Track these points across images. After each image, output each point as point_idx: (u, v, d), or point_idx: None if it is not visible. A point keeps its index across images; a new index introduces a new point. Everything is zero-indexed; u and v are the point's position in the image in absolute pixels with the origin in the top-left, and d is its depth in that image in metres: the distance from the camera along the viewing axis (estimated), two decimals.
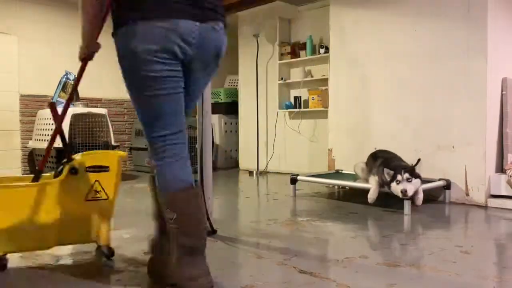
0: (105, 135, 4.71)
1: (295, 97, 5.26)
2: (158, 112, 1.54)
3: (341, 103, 4.18)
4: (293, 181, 3.74)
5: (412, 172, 2.93)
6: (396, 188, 2.92)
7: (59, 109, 1.79)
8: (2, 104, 4.88)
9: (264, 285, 1.63)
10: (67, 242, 2.00)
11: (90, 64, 1.73)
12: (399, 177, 2.90)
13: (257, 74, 5.53)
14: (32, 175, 1.89)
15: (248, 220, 2.87)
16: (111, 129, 4.72)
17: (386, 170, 3.01)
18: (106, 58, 5.04)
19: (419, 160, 2.94)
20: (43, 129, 4.61)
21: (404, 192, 2.86)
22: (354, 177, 3.65)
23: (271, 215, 2.97)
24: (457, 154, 3.37)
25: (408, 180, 2.89)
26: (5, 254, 1.83)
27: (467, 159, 3.32)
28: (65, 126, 4.30)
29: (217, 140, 6.10)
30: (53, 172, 1.98)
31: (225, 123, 6.17)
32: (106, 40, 1.72)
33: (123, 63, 1.54)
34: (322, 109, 4.90)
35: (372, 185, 3.15)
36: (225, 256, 2.02)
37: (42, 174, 1.92)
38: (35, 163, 4.93)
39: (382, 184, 3.07)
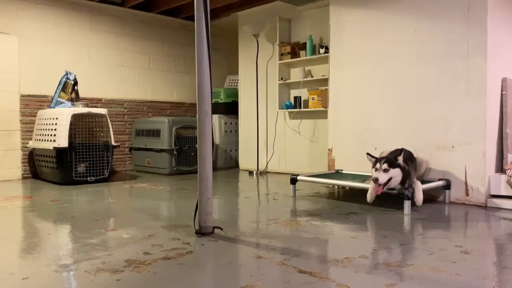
0: (105, 135, 4.71)
1: (295, 97, 5.27)
2: None
3: (341, 103, 4.19)
4: (293, 181, 3.74)
5: (391, 163, 2.99)
6: (372, 175, 3.05)
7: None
8: (2, 104, 4.88)
9: (264, 285, 1.63)
10: None
11: (90, 64, 1.74)
12: (377, 165, 3.03)
13: (257, 74, 5.53)
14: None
15: (248, 220, 2.87)
16: (111, 129, 4.72)
17: (368, 157, 3.17)
18: (107, 59, 5.07)
19: (402, 149, 3.06)
20: (43, 129, 4.60)
21: (375, 180, 2.98)
22: (354, 177, 3.65)
23: (271, 215, 2.97)
24: (457, 154, 3.38)
25: (385, 170, 2.98)
26: None
27: (467, 159, 3.32)
28: (66, 126, 4.31)
29: (217, 140, 6.11)
30: None
31: (225, 123, 6.17)
32: (106, 40, 1.72)
33: None
34: (322, 109, 4.90)
35: (370, 184, 3.15)
36: (225, 256, 2.02)
37: None
38: (35, 163, 4.93)
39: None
